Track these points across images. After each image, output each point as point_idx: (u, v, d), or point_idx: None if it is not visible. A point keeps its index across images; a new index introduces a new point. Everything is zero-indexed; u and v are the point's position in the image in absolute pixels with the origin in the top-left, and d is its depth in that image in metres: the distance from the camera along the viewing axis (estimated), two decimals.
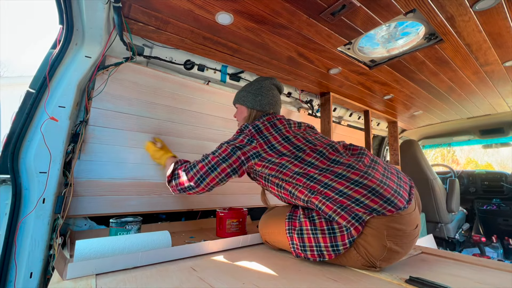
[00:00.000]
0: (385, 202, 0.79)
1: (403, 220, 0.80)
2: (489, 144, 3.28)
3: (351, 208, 0.80)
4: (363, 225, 0.78)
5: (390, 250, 0.78)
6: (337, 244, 0.80)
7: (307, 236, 0.85)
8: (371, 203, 0.79)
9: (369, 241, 0.78)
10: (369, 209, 0.78)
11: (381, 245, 0.78)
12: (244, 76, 1.73)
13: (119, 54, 1.29)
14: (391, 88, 1.93)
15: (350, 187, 0.83)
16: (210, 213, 1.73)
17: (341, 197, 0.82)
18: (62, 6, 0.97)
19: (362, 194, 0.81)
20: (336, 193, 0.83)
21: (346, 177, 0.85)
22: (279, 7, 1.05)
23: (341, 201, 0.81)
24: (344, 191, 0.83)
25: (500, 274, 0.81)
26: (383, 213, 0.78)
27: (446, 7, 1.05)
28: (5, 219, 0.95)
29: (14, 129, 1.01)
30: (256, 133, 1.01)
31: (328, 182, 0.86)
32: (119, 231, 1.03)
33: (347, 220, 0.79)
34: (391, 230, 0.78)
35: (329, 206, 0.82)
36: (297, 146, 0.98)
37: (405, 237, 0.80)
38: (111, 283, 0.69)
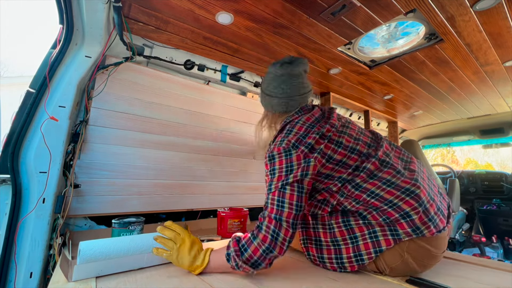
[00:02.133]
0: (429, 220, 0.71)
1: (437, 242, 0.73)
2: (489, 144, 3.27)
3: (396, 222, 0.72)
4: (397, 242, 0.71)
5: (405, 263, 0.73)
6: (361, 253, 0.74)
7: (326, 248, 0.79)
8: (418, 220, 0.70)
9: (394, 253, 0.72)
10: (413, 227, 0.70)
11: (399, 253, 0.73)
12: (244, 76, 1.73)
13: (119, 54, 1.29)
14: (391, 88, 1.93)
15: (401, 198, 0.73)
16: (210, 213, 1.73)
17: (390, 208, 0.73)
18: (62, 6, 0.97)
19: (412, 207, 0.71)
20: (385, 203, 0.73)
21: (396, 185, 0.75)
22: (279, 7, 1.05)
23: (388, 214, 0.72)
24: (394, 201, 0.73)
25: (500, 274, 0.81)
26: (424, 234, 0.70)
27: (446, 7, 1.05)
28: (5, 219, 0.95)
29: (14, 129, 1.01)
30: (307, 150, 0.77)
31: (376, 191, 0.75)
32: (122, 231, 1.02)
33: (384, 229, 0.72)
34: (414, 244, 0.72)
35: (375, 217, 0.74)
36: (350, 149, 0.81)
37: (428, 258, 0.74)
38: (111, 284, 0.69)
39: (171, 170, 1.50)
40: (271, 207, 0.75)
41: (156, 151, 1.44)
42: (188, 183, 1.57)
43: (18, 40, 32.99)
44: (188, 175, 1.57)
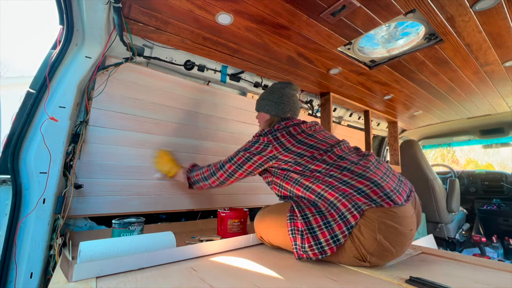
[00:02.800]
0: (384, 195, 0.84)
1: (397, 218, 0.83)
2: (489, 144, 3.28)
3: (352, 196, 0.85)
4: (361, 213, 0.82)
5: (380, 244, 0.80)
6: (336, 234, 0.83)
7: (306, 237, 0.87)
8: (372, 193, 0.84)
9: (363, 231, 0.81)
10: (369, 199, 0.83)
11: (372, 237, 0.80)
12: (244, 77, 1.73)
13: (119, 54, 1.29)
14: (391, 88, 1.93)
15: (354, 178, 0.89)
16: (210, 213, 1.73)
17: (344, 186, 0.88)
18: (62, 7, 0.97)
19: (364, 185, 0.87)
20: (340, 183, 0.90)
21: (351, 170, 0.93)
22: (279, 7, 1.05)
23: (343, 190, 0.87)
24: (348, 181, 0.89)
25: (500, 274, 0.81)
26: (381, 204, 0.82)
27: (446, 7, 1.05)
28: (5, 220, 0.95)
29: (14, 130, 1.01)
30: (273, 139, 1.10)
31: (333, 174, 0.93)
32: (122, 232, 1.02)
33: (347, 207, 0.83)
34: (383, 224, 0.81)
35: (331, 194, 0.88)
36: (310, 145, 1.06)
37: (396, 235, 0.82)
38: (111, 284, 0.69)
39: None
40: (226, 159, 1.17)
41: None
42: None
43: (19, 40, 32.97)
44: None
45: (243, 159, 1.12)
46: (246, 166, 1.12)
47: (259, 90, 1.85)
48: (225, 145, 1.74)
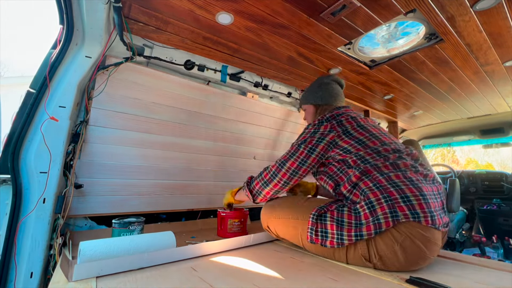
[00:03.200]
0: (429, 212, 0.79)
1: (427, 242, 0.79)
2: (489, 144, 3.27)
3: (395, 202, 0.79)
4: (395, 223, 0.78)
5: (394, 253, 0.78)
6: (362, 234, 0.81)
7: (330, 223, 0.87)
8: (418, 206, 0.78)
9: (384, 236, 0.79)
10: (411, 210, 0.78)
11: (391, 245, 0.78)
12: (244, 76, 1.73)
13: (119, 54, 1.29)
14: (391, 88, 1.93)
15: (405, 183, 0.83)
16: (210, 213, 1.73)
17: (392, 187, 0.82)
18: (63, 6, 0.97)
19: (413, 194, 0.80)
20: (389, 183, 0.83)
21: (406, 174, 0.86)
22: (279, 7, 1.05)
23: (390, 192, 0.81)
24: (398, 183, 0.83)
25: (500, 274, 0.81)
26: (420, 220, 0.77)
27: (446, 7, 1.05)
28: (6, 219, 0.95)
29: (15, 129, 1.01)
30: (336, 124, 1.01)
31: (386, 172, 0.87)
32: (122, 232, 1.02)
33: (384, 212, 0.79)
34: (410, 241, 0.77)
35: (375, 193, 0.83)
36: (372, 134, 0.99)
37: (419, 255, 0.79)
38: (111, 284, 0.69)
39: (171, 170, 1.50)
40: (284, 155, 1.05)
41: (156, 151, 1.44)
42: (188, 183, 1.57)
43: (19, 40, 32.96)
44: (188, 175, 1.58)
45: (306, 153, 1.00)
46: (310, 160, 1.00)
47: (259, 90, 1.85)
48: (225, 145, 1.74)
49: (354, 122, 1.02)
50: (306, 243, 0.97)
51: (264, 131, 1.96)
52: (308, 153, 1.00)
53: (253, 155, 1.91)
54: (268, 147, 2.00)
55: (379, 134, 1.01)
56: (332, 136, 0.99)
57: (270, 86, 1.87)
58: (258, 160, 1.94)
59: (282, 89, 1.94)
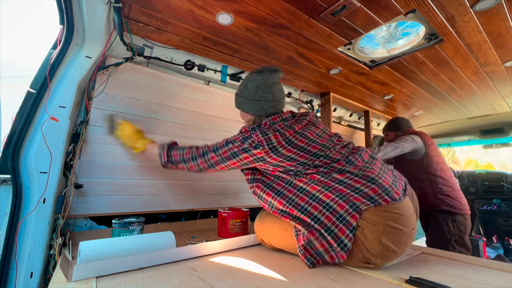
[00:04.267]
0: (382, 192, 0.82)
1: (400, 219, 0.82)
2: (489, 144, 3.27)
3: (349, 196, 0.82)
4: (360, 213, 0.80)
5: (385, 246, 0.80)
6: (342, 240, 0.80)
7: (319, 244, 0.84)
8: (370, 191, 0.82)
9: (366, 234, 0.80)
10: (367, 197, 0.81)
11: (377, 240, 0.79)
12: (244, 77, 1.73)
13: (120, 54, 1.29)
14: (391, 88, 1.93)
15: (350, 178, 0.87)
16: (210, 213, 1.73)
17: (341, 185, 0.85)
18: (63, 6, 0.97)
19: (361, 184, 0.84)
20: (336, 182, 0.86)
21: (346, 171, 0.89)
22: (279, 7, 1.05)
23: (340, 190, 0.85)
24: (344, 180, 0.86)
25: (500, 274, 0.81)
26: (379, 202, 0.80)
27: (446, 7, 1.05)
28: (6, 219, 0.95)
29: (15, 129, 1.01)
30: (264, 140, 0.94)
31: (329, 175, 0.89)
32: (122, 232, 1.02)
33: (345, 208, 0.81)
34: (388, 227, 0.80)
35: (327, 195, 0.85)
36: (301, 148, 0.95)
37: (401, 235, 0.82)
38: (111, 284, 0.69)
39: (171, 170, 1.50)
40: (210, 147, 1.05)
41: None
42: (188, 183, 1.57)
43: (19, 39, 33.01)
44: (188, 175, 1.58)
45: (228, 154, 1.00)
46: (230, 162, 1.01)
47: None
48: None
49: (281, 138, 0.95)
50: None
51: None
52: (230, 156, 1.00)
53: None
54: None
55: (306, 144, 0.96)
56: (259, 152, 0.94)
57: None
58: None
59: None
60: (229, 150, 1.00)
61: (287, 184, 0.95)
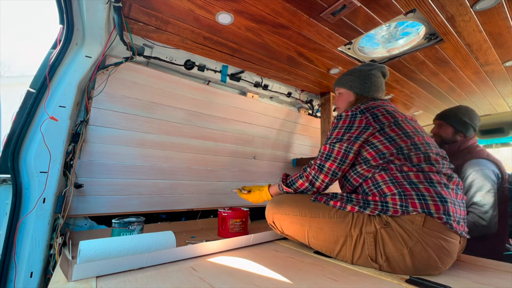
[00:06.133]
0: (443, 214, 0.76)
1: (447, 243, 0.76)
2: (489, 144, 3.27)
3: (409, 197, 0.79)
4: (404, 213, 0.78)
5: (404, 261, 0.76)
6: (387, 205, 0.82)
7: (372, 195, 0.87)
8: (433, 206, 0.76)
9: (392, 236, 0.78)
10: (424, 208, 0.76)
11: (401, 256, 0.77)
12: (244, 76, 1.73)
13: (119, 54, 1.29)
14: (391, 88, 1.93)
15: (423, 183, 0.81)
16: (210, 213, 1.73)
17: (408, 185, 0.81)
18: (63, 6, 0.97)
19: (430, 194, 0.78)
20: (406, 180, 0.83)
21: (426, 174, 0.83)
22: (279, 7, 1.05)
23: (405, 188, 0.81)
24: (415, 182, 0.81)
25: (500, 274, 0.81)
26: (432, 214, 0.75)
27: (446, 7, 1.05)
28: (5, 219, 0.95)
29: (15, 129, 1.01)
30: (372, 119, 0.94)
31: (406, 171, 0.85)
32: (122, 231, 1.02)
33: (395, 202, 0.80)
34: (434, 244, 0.75)
35: (389, 188, 0.84)
36: (405, 133, 0.92)
37: (431, 262, 0.75)
38: (111, 283, 0.69)
39: (171, 170, 1.50)
40: (319, 157, 1.00)
41: (156, 151, 1.45)
42: (188, 183, 1.57)
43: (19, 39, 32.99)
44: (188, 175, 1.58)
45: (342, 152, 0.94)
46: (349, 160, 0.94)
47: (259, 90, 1.85)
48: (225, 145, 1.74)
49: (391, 118, 0.95)
50: (312, 241, 0.97)
51: (264, 131, 1.96)
52: (346, 153, 0.94)
53: (253, 155, 1.91)
54: (268, 147, 2.00)
55: (412, 133, 0.93)
56: (369, 133, 0.92)
57: (270, 86, 1.87)
58: (258, 160, 1.94)
59: (282, 89, 1.94)
60: (340, 148, 0.95)
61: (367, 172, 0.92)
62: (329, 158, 0.96)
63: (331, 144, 0.97)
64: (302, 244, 1.14)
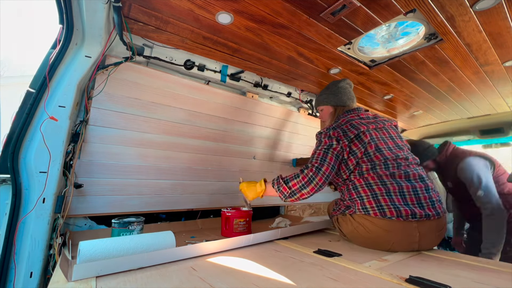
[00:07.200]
0: (403, 205, 1.04)
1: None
2: (489, 144, 3.27)
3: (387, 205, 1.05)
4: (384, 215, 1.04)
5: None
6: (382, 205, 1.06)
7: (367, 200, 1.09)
8: (404, 211, 1.03)
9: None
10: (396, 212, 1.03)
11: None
12: (244, 76, 1.73)
13: (119, 53, 1.29)
14: (391, 88, 1.93)
15: (398, 197, 1.06)
16: (210, 213, 1.73)
17: (386, 196, 1.06)
18: (62, 6, 0.97)
19: (394, 191, 1.06)
20: (386, 194, 1.07)
21: (382, 178, 1.09)
22: (279, 7, 1.05)
23: (384, 200, 1.05)
24: (392, 197, 1.06)
25: (500, 274, 0.81)
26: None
27: (446, 7, 1.05)
28: (5, 219, 0.95)
29: (14, 129, 1.01)
30: (342, 135, 1.18)
31: (381, 192, 1.08)
32: (122, 231, 1.02)
33: (372, 206, 1.08)
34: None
35: (370, 202, 1.08)
36: (363, 144, 1.16)
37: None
38: (111, 283, 0.69)
39: (171, 170, 1.50)
40: (316, 162, 1.15)
41: (156, 151, 1.44)
42: (188, 183, 1.57)
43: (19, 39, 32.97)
44: (188, 175, 1.58)
45: (334, 159, 1.15)
46: (337, 166, 1.16)
47: (259, 90, 1.85)
48: (225, 145, 1.74)
49: (355, 130, 1.17)
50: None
51: (264, 131, 1.96)
52: (336, 159, 1.15)
53: (253, 155, 1.91)
54: (268, 147, 2.00)
55: (368, 143, 1.16)
56: (343, 145, 1.17)
57: (270, 86, 1.87)
58: (258, 160, 1.94)
59: (282, 89, 1.94)
60: (332, 154, 1.15)
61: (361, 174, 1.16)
62: (324, 162, 1.14)
63: (324, 150, 1.17)
64: (302, 244, 1.15)
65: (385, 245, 1.05)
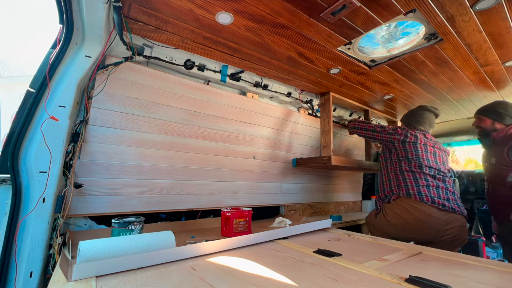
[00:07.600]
0: (420, 193, 1.59)
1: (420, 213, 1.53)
2: None
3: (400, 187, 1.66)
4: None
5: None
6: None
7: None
8: (411, 189, 1.63)
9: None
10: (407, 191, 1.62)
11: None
12: (244, 76, 1.73)
13: (119, 53, 1.29)
14: (391, 88, 1.93)
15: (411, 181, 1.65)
16: (210, 213, 1.73)
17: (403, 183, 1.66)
18: (62, 6, 0.97)
19: (411, 185, 1.61)
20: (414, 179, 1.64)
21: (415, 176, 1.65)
22: (279, 7, 1.05)
23: (423, 190, 1.58)
24: (430, 190, 1.59)
25: (500, 274, 0.81)
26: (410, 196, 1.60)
27: (446, 7, 1.05)
28: (5, 219, 0.95)
29: (14, 129, 1.01)
30: (402, 134, 1.71)
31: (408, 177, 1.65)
32: (122, 231, 1.02)
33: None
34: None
35: (413, 189, 1.60)
36: (418, 155, 1.66)
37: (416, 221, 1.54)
38: (111, 283, 0.69)
39: (171, 170, 1.50)
40: (372, 126, 1.92)
41: (156, 151, 1.45)
42: (188, 183, 1.57)
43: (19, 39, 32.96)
44: (188, 175, 1.58)
45: (377, 130, 1.85)
46: (369, 135, 1.90)
47: (259, 89, 1.85)
48: (225, 145, 1.74)
49: (413, 141, 1.69)
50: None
51: (264, 131, 1.96)
52: (375, 133, 1.86)
53: (253, 155, 1.91)
54: (268, 147, 2.00)
55: (431, 154, 1.70)
56: (395, 138, 1.73)
57: (270, 86, 1.87)
58: (258, 160, 1.94)
59: (282, 89, 1.94)
60: (376, 128, 1.85)
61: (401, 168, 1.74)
62: (375, 131, 1.90)
63: (382, 130, 1.87)
64: (302, 244, 1.15)
65: (419, 226, 1.48)
